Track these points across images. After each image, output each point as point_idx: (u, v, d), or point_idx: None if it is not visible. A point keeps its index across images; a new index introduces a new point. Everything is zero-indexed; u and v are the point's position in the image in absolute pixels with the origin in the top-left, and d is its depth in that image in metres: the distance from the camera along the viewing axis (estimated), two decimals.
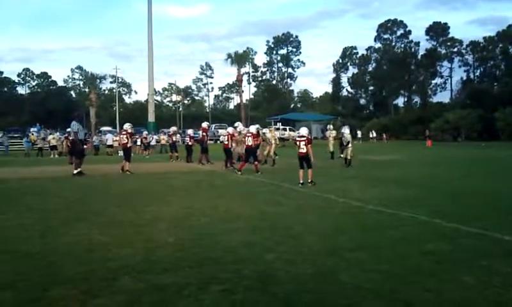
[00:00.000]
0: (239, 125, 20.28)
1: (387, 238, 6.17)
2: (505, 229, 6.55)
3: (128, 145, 16.60)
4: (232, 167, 17.10)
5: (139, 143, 32.31)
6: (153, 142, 33.40)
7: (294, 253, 5.40)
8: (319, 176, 12.64)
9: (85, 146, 18.08)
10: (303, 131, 12.82)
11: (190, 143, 22.27)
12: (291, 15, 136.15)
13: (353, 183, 12.43)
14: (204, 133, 20.92)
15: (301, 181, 12.05)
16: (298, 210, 8.43)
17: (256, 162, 15.95)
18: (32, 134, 32.96)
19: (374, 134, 55.87)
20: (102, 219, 7.66)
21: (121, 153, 20.36)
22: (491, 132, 48.63)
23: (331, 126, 26.65)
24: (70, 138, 15.51)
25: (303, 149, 12.24)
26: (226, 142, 18.29)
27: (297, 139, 12.63)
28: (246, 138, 16.25)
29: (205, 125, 21.63)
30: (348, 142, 18.15)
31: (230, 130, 18.45)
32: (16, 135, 43.42)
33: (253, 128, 16.87)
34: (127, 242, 6.00)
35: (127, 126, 17.09)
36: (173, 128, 26.58)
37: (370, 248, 5.63)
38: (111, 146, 32.61)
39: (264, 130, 20.22)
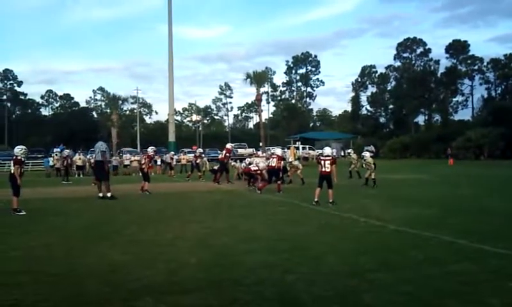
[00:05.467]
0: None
1: (410, 259, 6.08)
2: None
3: (144, 167, 16.87)
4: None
5: (159, 163, 32.62)
6: (173, 162, 33.59)
7: (315, 274, 5.35)
8: (339, 195, 12.55)
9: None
10: (328, 151, 12.80)
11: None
12: (310, 35, 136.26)
13: (374, 203, 12.31)
14: (228, 154, 21.33)
15: (316, 200, 12.04)
16: (318, 230, 8.37)
17: (279, 182, 16.00)
18: (56, 155, 33.37)
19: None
20: (124, 238, 7.73)
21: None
22: None
23: (352, 151, 28.63)
24: (95, 159, 15.63)
25: (328, 169, 12.20)
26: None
27: (322, 158, 12.56)
28: (271, 159, 16.44)
29: (229, 146, 22.33)
30: (371, 164, 18.02)
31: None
32: (39, 155, 44.08)
33: (278, 151, 17.31)
34: (149, 262, 6.04)
35: (149, 149, 17.90)
36: (199, 150, 27.24)
37: (393, 269, 5.56)
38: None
39: (290, 159, 20.45)
